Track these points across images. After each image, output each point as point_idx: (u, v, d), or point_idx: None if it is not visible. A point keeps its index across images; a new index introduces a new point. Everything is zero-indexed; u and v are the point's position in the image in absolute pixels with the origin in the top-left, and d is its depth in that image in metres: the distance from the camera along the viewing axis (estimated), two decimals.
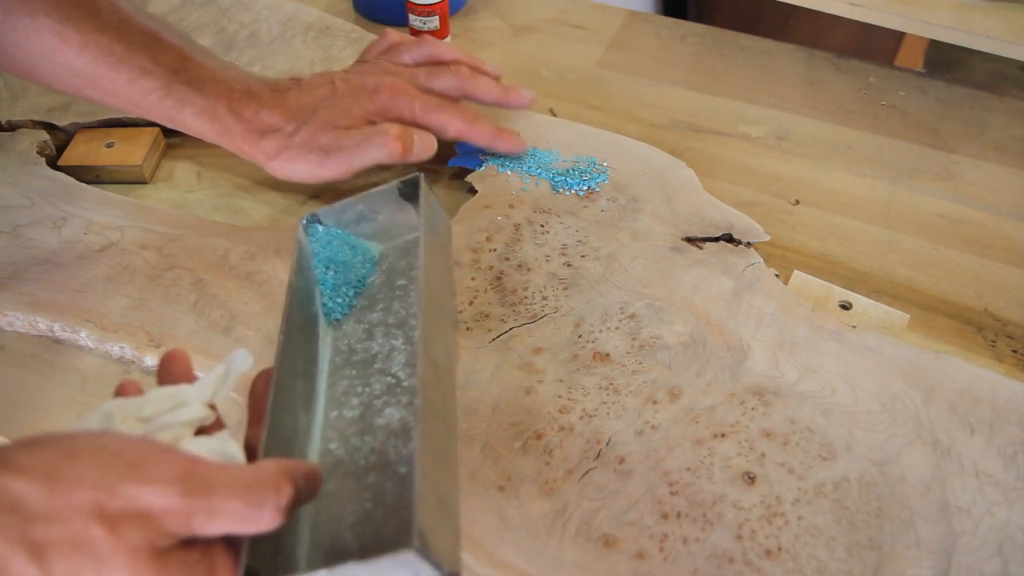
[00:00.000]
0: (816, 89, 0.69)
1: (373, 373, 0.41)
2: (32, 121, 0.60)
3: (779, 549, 0.37)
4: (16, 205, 0.53)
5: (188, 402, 0.33)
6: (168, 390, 0.33)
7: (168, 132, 0.61)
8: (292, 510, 0.29)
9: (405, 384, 0.39)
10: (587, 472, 0.39)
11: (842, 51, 0.74)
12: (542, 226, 0.52)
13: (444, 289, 0.43)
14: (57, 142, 0.59)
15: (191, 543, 0.28)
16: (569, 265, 0.50)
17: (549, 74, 0.69)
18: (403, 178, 0.44)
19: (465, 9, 0.77)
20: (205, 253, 0.50)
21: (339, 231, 0.46)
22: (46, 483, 0.26)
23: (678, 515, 0.38)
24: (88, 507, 0.26)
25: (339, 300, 0.44)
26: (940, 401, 0.43)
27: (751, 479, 0.39)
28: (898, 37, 1.30)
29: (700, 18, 1.34)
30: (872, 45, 1.32)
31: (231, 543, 0.29)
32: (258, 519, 0.28)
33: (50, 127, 0.60)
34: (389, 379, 0.40)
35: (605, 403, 0.42)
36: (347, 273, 0.45)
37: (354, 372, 0.41)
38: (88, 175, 0.57)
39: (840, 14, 0.65)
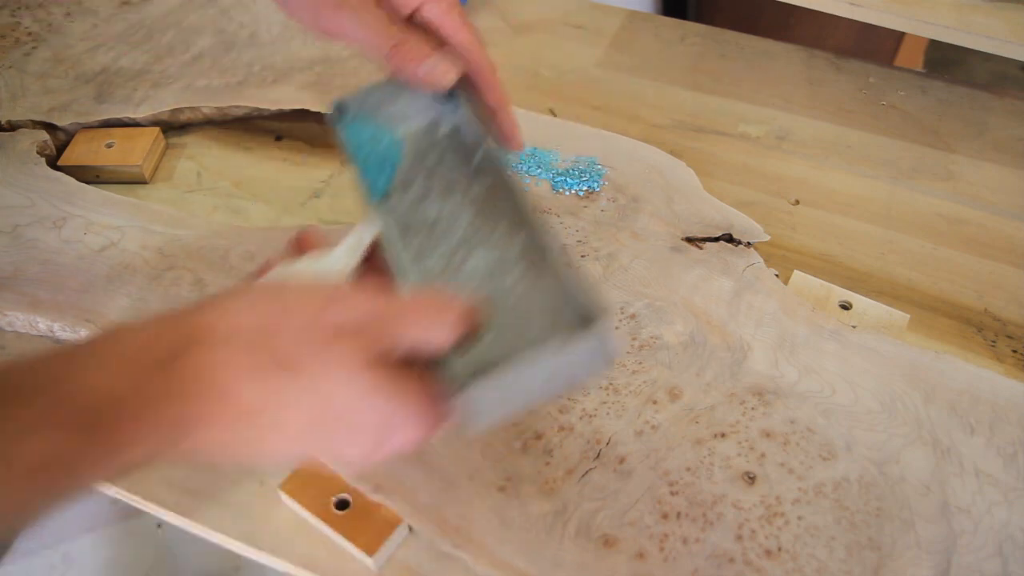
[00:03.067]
0: (816, 89, 0.69)
1: (440, 235, 0.42)
2: (32, 121, 0.60)
3: (779, 549, 0.37)
4: (16, 205, 0.53)
5: (332, 267, 0.37)
6: (310, 258, 0.37)
7: (168, 132, 0.61)
8: (465, 336, 0.32)
9: (480, 229, 0.41)
10: (587, 472, 0.39)
11: (842, 51, 0.74)
12: None
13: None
14: (57, 142, 0.59)
15: (390, 359, 0.31)
16: (569, 265, 0.50)
17: (549, 74, 0.69)
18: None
19: (465, 9, 0.77)
20: (205, 253, 0.50)
21: (364, 115, 0.47)
22: (267, 315, 0.30)
23: (678, 515, 0.38)
24: (308, 325, 0.30)
25: (379, 178, 0.45)
26: (940, 401, 0.43)
27: (751, 479, 0.39)
28: (898, 37, 1.30)
29: (700, 18, 1.34)
30: (872, 45, 1.32)
31: (422, 366, 0.32)
32: (441, 329, 0.31)
33: (50, 127, 0.60)
34: (460, 232, 0.42)
35: (605, 403, 0.42)
36: (378, 153, 0.46)
37: (422, 239, 0.42)
38: (88, 175, 0.57)
39: (840, 14, 0.65)
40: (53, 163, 0.58)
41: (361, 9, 0.43)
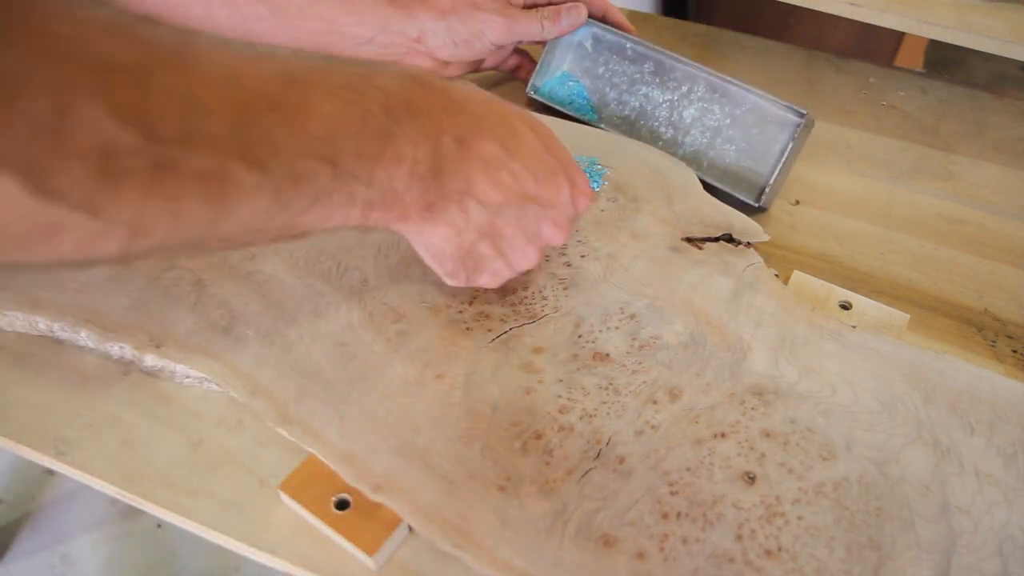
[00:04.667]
0: (816, 89, 0.69)
1: (652, 114, 0.61)
2: None
3: (779, 549, 0.37)
4: None
5: None
6: None
7: None
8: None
9: (673, 95, 0.60)
10: (587, 472, 0.39)
11: (842, 51, 0.74)
12: None
13: None
14: None
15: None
16: (569, 265, 0.50)
17: None
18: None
19: None
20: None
21: (545, 80, 0.65)
22: (509, 140, 0.41)
23: (678, 515, 0.38)
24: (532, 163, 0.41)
25: (586, 108, 0.64)
26: (940, 401, 0.43)
27: (751, 479, 0.39)
28: (898, 37, 1.30)
29: (700, 18, 1.34)
30: (872, 45, 1.32)
31: None
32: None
33: None
34: (664, 105, 0.61)
35: (605, 403, 0.42)
36: (571, 94, 0.64)
37: (643, 125, 0.62)
38: None
39: (840, 14, 0.65)
40: None
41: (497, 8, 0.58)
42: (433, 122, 0.37)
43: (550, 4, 0.61)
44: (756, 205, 0.56)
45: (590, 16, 0.62)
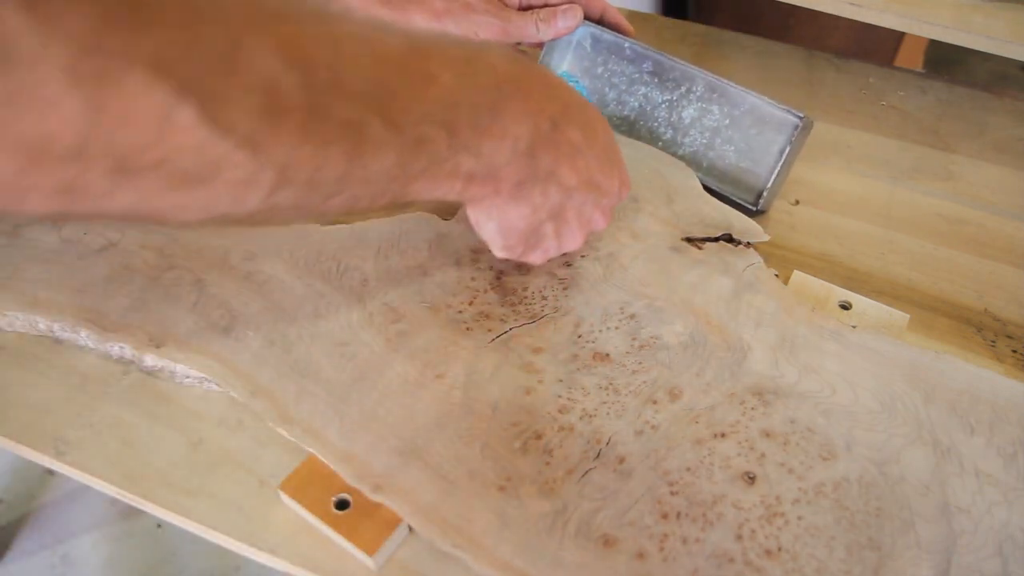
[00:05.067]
0: (816, 89, 0.69)
1: (651, 115, 0.61)
2: None
3: (779, 549, 0.37)
4: None
5: None
6: None
7: None
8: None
9: (672, 95, 0.60)
10: (587, 472, 0.39)
11: (842, 51, 0.74)
12: None
13: None
14: None
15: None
16: (569, 265, 0.50)
17: None
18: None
19: None
20: (205, 253, 0.50)
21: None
22: (588, 132, 0.43)
23: (678, 515, 0.38)
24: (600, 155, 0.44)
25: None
26: (940, 401, 0.43)
27: (751, 479, 0.39)
28: (898, 37, 1.30)
29: (700, 18, 1.34)
30: (872, 45, 1.32)
31: None
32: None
33: None
34: (663, 106, 0.60)
35: (605, 403, 0.42)
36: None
37: (644, 125, 0.62)
38: None
39: (840, 14, 0.65)
40: None
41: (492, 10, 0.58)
42: (534, 102, 0.39)
43: (546, 5, 0.61)
44: (755, 208, 0.56)
45: (588, 17, 0.62)
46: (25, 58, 0.22)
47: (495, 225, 0.43)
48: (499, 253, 0.45)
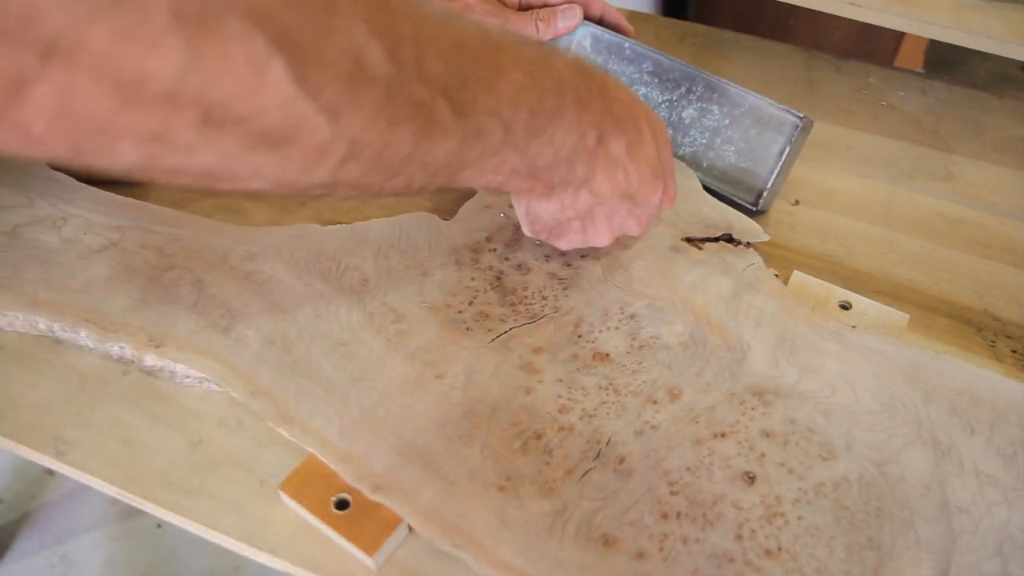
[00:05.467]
0: (816, 89, 0.69)
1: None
2: None
3: (779, 549, 0.37)
4: (16, 205, 0.53)
5: None
6: None
7: None
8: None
9: (672, 96, 0.59)
10: (587, 472, 0.39)
11: (842, 51, 0.74)
12: None
13: None
14: None
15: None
16: (569, 265, 0.50)
17: None
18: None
19: None
20: (205, 253, 0.50)
21: None
22: (641, 135, 0.44)
23: (678, 515, 0.38)
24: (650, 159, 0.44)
25: None
26: (940, 401, 0.43)
27: (751, 479, 0.39)
28: (898, 37, 1.30)
29: (700, 18, 1.34)
30: (872, 45, 1.32)
31: None
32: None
33: None
34: (662, 106, 0.60)
35: (605, 403, 0.42)
36: None
37: None
38: (88, 175, 0.57)
39: (840, 14, 0.65)
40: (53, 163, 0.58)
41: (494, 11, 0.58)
42: (587, 114, 0.40)
43: (545, 5, 0.61)
44: (755, 209, 0.56)
45: (588, 17, 0.62)
46: None
47: (524, 211, 0.45)
48: (526, 232, 0.46)
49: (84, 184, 0.55)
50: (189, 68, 0.24)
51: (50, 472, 1.27)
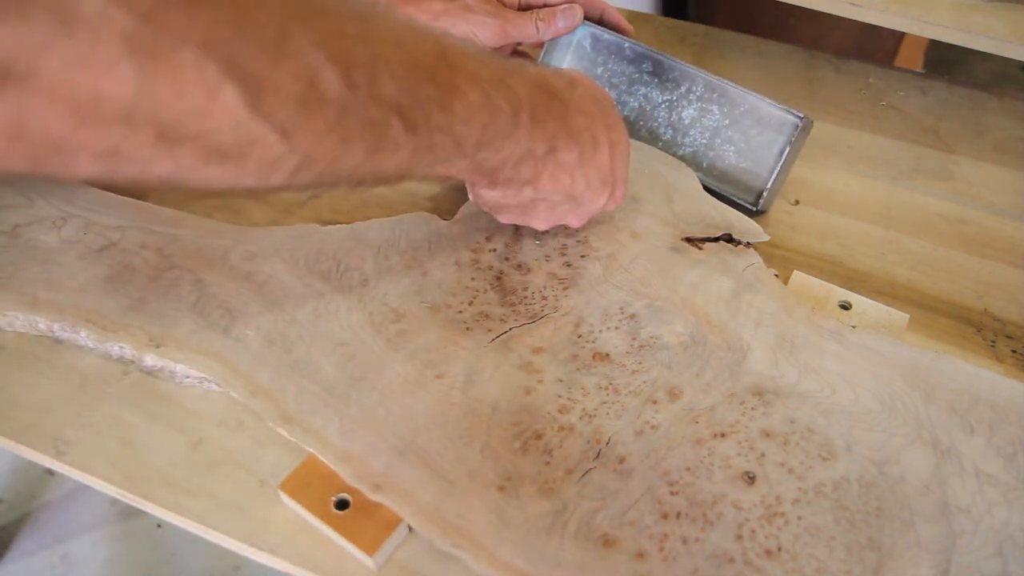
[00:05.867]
0: (816, 89, 0.69)
1: (651, 115, 0.61)
2: None
3: (779, 549, 0.37)
4: (16, 205, 0.53)
5: None
6: None
7: None
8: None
9: (671, 95, 0.60)
10: (587, 472, 0.39)
11: (842, 51, 0.74)
12: None
13: None
14: None
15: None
16: (569, 265, 0.50)
17: None
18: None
19: None
20: (205, 253, 0.50)
21: None
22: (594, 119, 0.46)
23: (678, 515, 0.38)
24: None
25: None
26: (940, 401, 0.43)
27: (751, 479, 0.39)
28: (898, 37, 1.30)
29: (700, 18, 1.34)
30: (872, 45, 1.32)
31: None
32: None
33: None
34: (662, 106, 0.60)
35: (605, 403, 0.42)
36: None
37: (643, 124, 0.62)
38: None
39: (840, 14, 0.65)
40: None
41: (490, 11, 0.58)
42: (540, 130, 0.41)
43: (545, 5, 0.61)
44: (755, 209, 0.56)
45: (588, 17, 0.62)
46: (88, 22, 0.23)
47: (469, 188, 0.48)
48: (471, 199, 0.49)
49: (84, 184, 0.55)
50: (142, 92, 0.25)
51: (50, 472, 1.27)
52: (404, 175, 0.37)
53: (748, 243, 0.53)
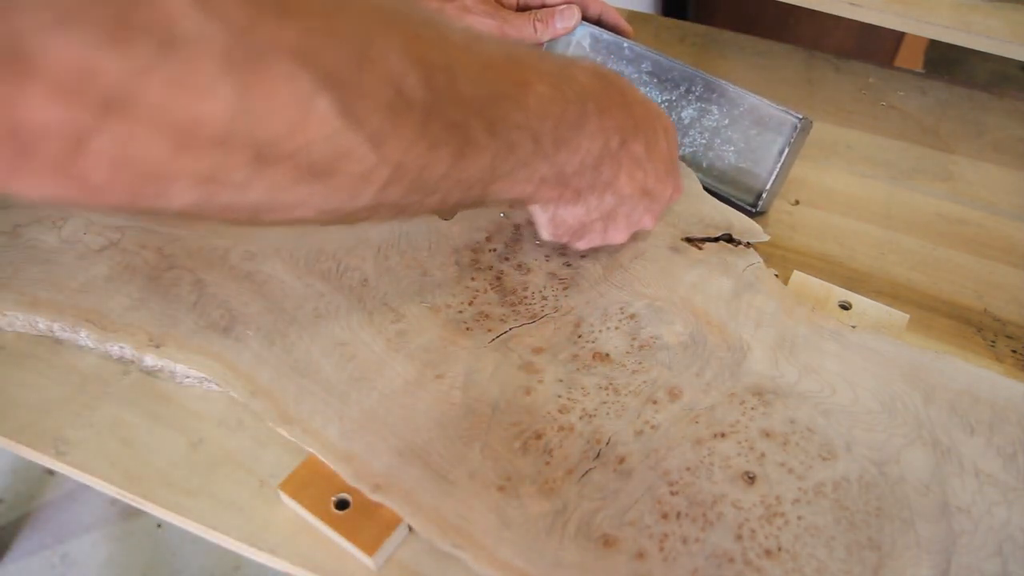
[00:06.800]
0: (816, 89, 0.69)
1: None
2: None
3: (779, 549, 0.37)
4: (16, 205, 0.53)
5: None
6: None
7: None
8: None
9: (671, 95, 0.60)
10: (587, 472, 0.39)
11: (842, 51, 0.74)
12: None
13: None
14: None
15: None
16: (569, 265, 0.50)
17: None
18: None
19: None
20: (205, 253, 0.50)
21: None
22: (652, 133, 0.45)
23: (678, 515, 0.38)
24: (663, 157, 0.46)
25: None
26: (940, 401, 0.43)
27: (751, 479, 0.39)
28: (898, 37, 1.30)
29: (700, 18, 1.34)
30: (872, 45, 1.32)
31: None
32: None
33: None
34: (661, 105, 0.59)
35: (605, 403, 0.42)
36: None
37: None
38: None
39: (840, 14, 0.65)
40: None
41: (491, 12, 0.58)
42: (609, 119, 0.41)
43: (544, 6, 0.61)
44: (754, 210, 0.56)
45: (587, 18, 0.62)
46: (187, 42, 0.22)
47: (548, 218, 0.45)
48: (545, 237, 0.47)
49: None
50: (240, 110, 0.24)
51: (50, 472, 1.27)
52: (487, 187, 0.36)
53: (748, 243, 0.53)
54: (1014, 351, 0.49)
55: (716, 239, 0.53)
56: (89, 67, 0.21)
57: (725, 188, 0.57)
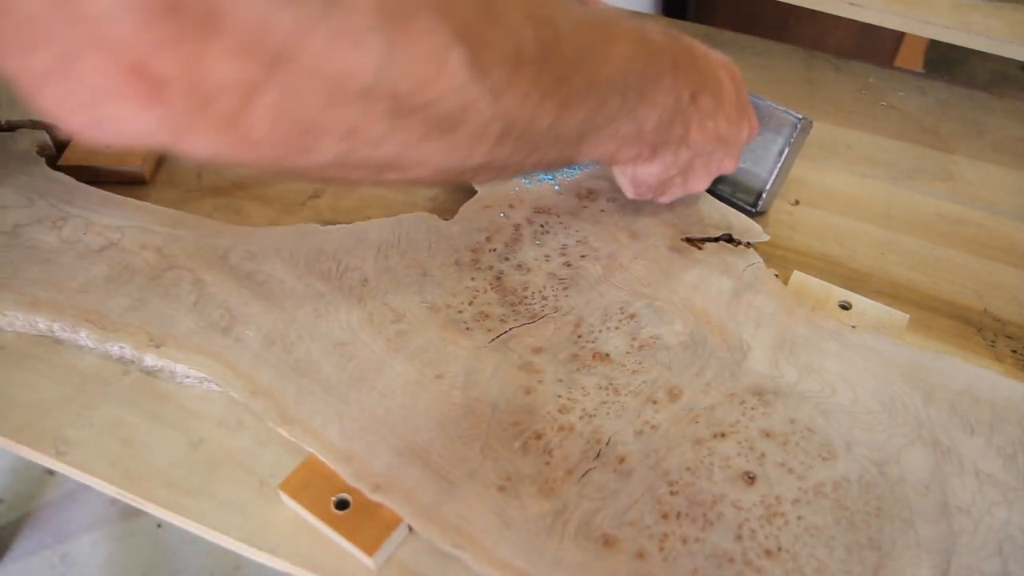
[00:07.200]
0: (816, 89, 0.69)
1: None
2: (32, 121, 0.60)
3: (779, 549, 0.37)
4: (16, 205, 0.53)
5: None
6: None
7: None
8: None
9: None
10: (587, 472, 0.39)
11: (842, 51, 0.74)
12: (542, 226, 0.52)
13: None
14: (57, 142, 0.59)
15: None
16: (569, 265, 0.50)
17: None
18: None
19: None
20: (205, 253, 0.50)
21: None
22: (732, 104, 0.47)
23: (678, 515, 0.38)
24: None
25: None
26: (940, 401, 0.43)
27: (751, 479, 0.39)
28: (898, 37, 1.30)
29: (700, 18, 1.34)
30: (872, 45, 1.32)
31: None
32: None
33: (50, 127, 0.60)
34: None
35: (605, 403, 0.42)
36: None
37: None
38: (88, 175, 0.57)
39: (840, 14, 0.65)
40: (53, 163, 0.58)
41: None
42: (682, 75, 0.42)
43: None
44: (754, 210, 0.56)
45: None
46: None
47: (628, 179, 0.48)
48: (629, 195, 0.49)
49: (84, 184, 0.55)
50: (386, 62, 0.25)
51: (50, 472, 1.27)
52: (579, 145, 0.38)
53: (748, 243, 0.53)
54: (1014, 351, 0.49)
55: (716, 239, 0.53)
56: (266, 22, 0.22)
57: (725, 188, 0.57)
